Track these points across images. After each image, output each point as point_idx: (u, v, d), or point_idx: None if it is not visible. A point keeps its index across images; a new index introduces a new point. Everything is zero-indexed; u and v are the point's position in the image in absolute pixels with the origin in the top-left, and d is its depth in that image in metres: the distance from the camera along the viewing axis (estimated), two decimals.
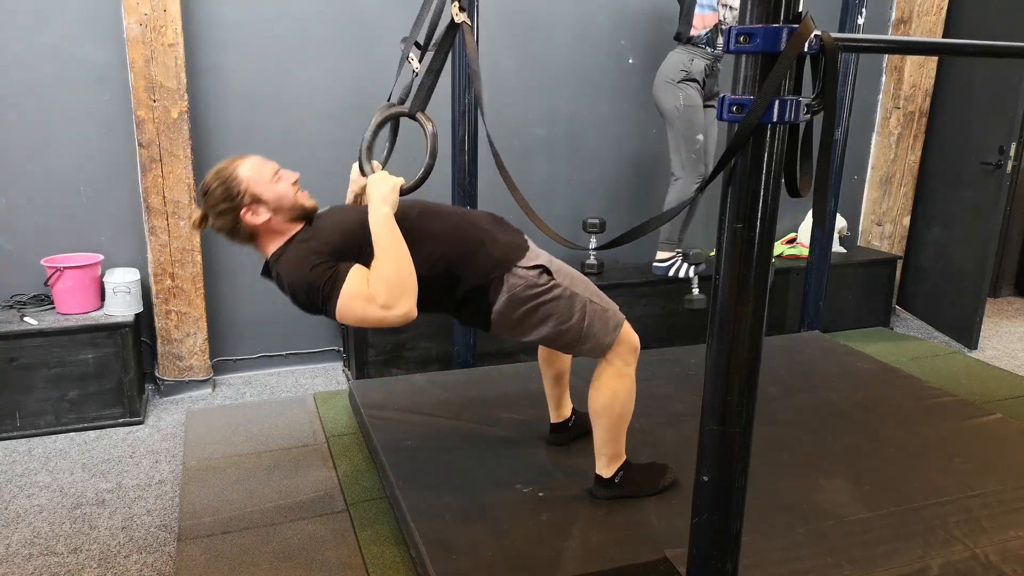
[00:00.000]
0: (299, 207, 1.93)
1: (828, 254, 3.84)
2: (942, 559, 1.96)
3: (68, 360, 2.96)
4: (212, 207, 1.90)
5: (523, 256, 2.03)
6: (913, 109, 4.33)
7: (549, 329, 2.04)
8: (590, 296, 2.08)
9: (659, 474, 2.27)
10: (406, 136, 2.21)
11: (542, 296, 2.01)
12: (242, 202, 1.88)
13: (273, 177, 1.91)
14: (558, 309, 2.03)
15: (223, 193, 1.87)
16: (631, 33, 3.85)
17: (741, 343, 1.18)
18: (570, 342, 2.08)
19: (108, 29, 3.05)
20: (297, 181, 1.95)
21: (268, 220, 1.90)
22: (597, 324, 2.06)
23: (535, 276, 2.01)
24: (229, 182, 1.87)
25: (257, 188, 1.88)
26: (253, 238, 1.95)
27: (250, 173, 1.89)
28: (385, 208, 1.86)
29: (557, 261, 2.11)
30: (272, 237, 1.94)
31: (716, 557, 1.29)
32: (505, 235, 2.07)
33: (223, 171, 1.89)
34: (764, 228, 1.14)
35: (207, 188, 1.90)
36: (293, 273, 1.86)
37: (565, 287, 2.04)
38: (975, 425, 2.76)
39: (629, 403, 2.14)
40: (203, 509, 2.40)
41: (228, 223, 1.91)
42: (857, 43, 1.57)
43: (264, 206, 1.89)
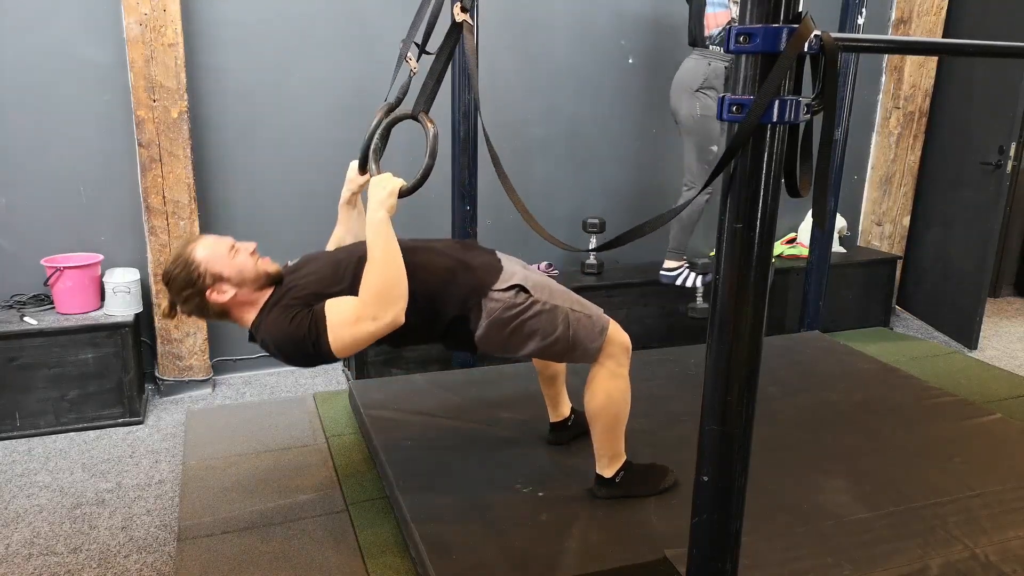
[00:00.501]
0: (262, 275, 1.93)
1: (828, 254, 3.84)
2: (942, 559, 1.95)
3: (68, 360, 2.96)
4: (177, 294, 1.91)
5: (497, 278, 2.02)
6: (913, 109, 4.33)
7: (536, 344, 2.05)
8: (571, 305, 2.07)
9: (660, 475, 2.27)
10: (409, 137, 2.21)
11: (523, 314, 2.01)
12: (204, 284, 1.88)
13: (230, 252, 1.91)
14: (541, 324, 2.03)
15: (184, 279, 1.88)
16: (631, 33, 3.85)
17: (741, 343, 1.18)
18: (559, 353, 2.09)
19: (108, 29, 3.05)
20: (255, 250, 1.95)
21: (235, 295, 1.91)
22: (583, 332, 2.06)
23: (512, 296, 2.01)
24: (187, 267, 1.88)
25: (216, 267, 1.88)
26: (226, 314, 1.95)
27: (206, 253, 1.89)
28: (381, 212, 1.86)
29: (534, 275, 2.10)
30: (244, 309, 1.94)
31: (716, 557, 1.28)
32: (477, 259, 2.07)
33: (180, 257, 1.90)
34: (764, 228, 1.14)
35: (168, 277, 1.91)
36: (276, 336, 1.87)
37: (544, 301, 2.04)
38: (975, 425, 2.76)
39: (625, 404, 2.14)
40: (203, 509, 2.40)
41: (196, 306, 1.92)
42: (857, 43, 1.57)
43: (227, 283, 1.89)
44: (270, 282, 1.95)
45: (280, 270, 1.99)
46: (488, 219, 3.64)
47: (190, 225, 3.17)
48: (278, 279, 1.96)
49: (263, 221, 3.41)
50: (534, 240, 3.87)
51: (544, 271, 3.81)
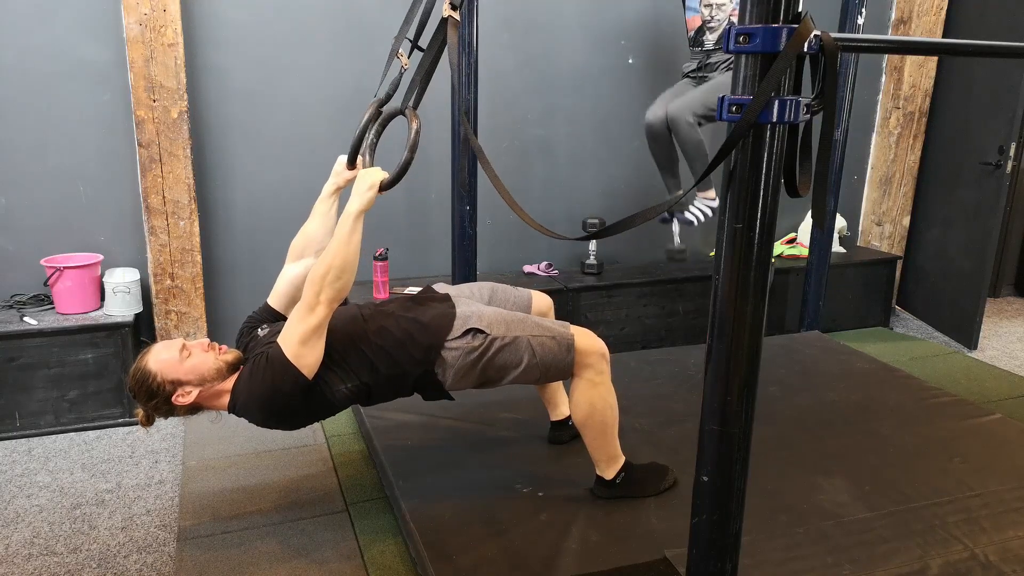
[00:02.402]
0: (222, 366, 1.94)
1: (828, 254, 3.84)
2: (942, 559, 1.96)
3: (68, 360, 2.96)
4: (144, 405, 1.94)
5: (450, 327, 2.03)
6: (913, 109, 4.33)
7: (510, 375, 2.07)
8: (531, 332, 2.07)
9: (659, 476, 2.27)
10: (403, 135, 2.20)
11: (485, 354, 2.02)
12: (166, 391, 1.91)
13: (181, 355, 1.92)
14: (507, 358, 2.04)
15: (146, 392, 1.91)
16: (631, 33, 3.85)
17: (741, 343, 1.18)
18: (536, 377, 2.10)
19: (108, 29, 3.05)
20: (209, 344, 1.97)
21: (199, 393, 1.93)
22: (549, 355, 2.06)
23: (468, 341, 2.02)
24: (145, 380, 1.91)
25: (172, 374, 1.91)
26: (200, 408, 1.98)
27: (158, 364, 1.92)
28: (358, 205, 1.87)
29: (487, 310, 2.10)
30: (215, 399, 1.97)
31: (716, 557, 1.28)
32: (428, 314, 2.07)
33: (136, 371, 1.93)
34: (764, 228, 1.14)
35: (132, 391, 1.95)
36: (253, 400, 1.89)
37: (503, 336, 2.04)
38: (975, 425, 2.76)
39: (610, 409, 2.13)
40: (203, 509, 2.40)
41: (167, 412, 1.96)
42: (857, 43, 1.57)
43: (188, 385, 1.92)
44: (233, 369, 1.97)
45: (240, 355, 2.00)
46: (488, 219, 3.64)
47: (190, 225, 3.17)
48: (239, 364, 1.98)
49: (263, 221, 3.41)
50: (534, 240, 3.87)
51: (544, 271, 3.81)
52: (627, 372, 3.20)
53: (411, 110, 2.00)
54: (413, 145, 1.94)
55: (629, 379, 3.13)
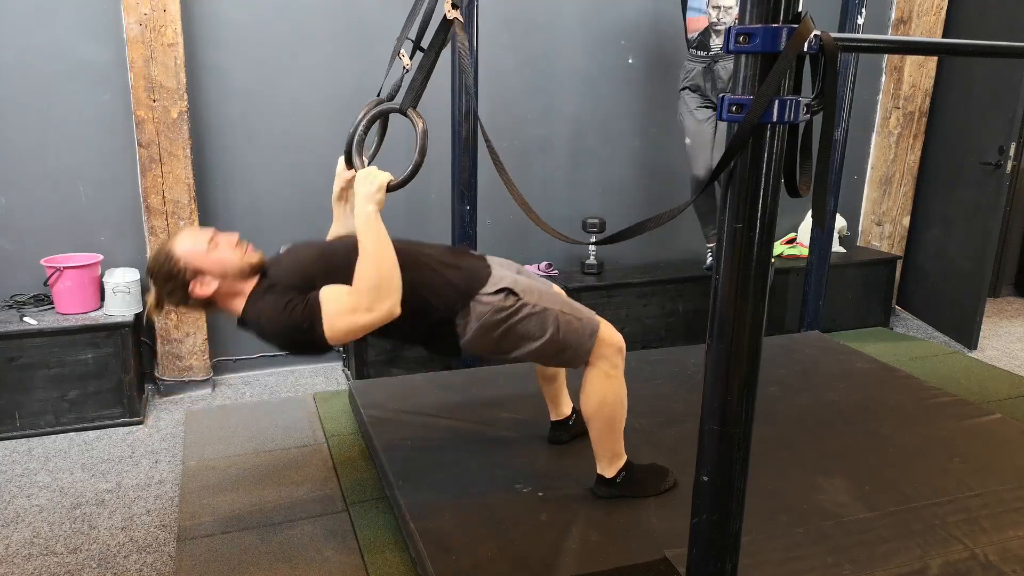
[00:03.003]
0: (246, 266, 1.92)
1: (828, 254, 3.84)
2: (942, 559, 1.96)
3: (68, 360, 2.96)
4: (161, 288, 1.92)
5: (486, 282, 2.03)
6: (913, 109, 4.33)
7: (526, 347, 2.05)
8: (561, 308, 2.07)
9: (660, 476, 2.27)
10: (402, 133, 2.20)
11: (512, 317, 2.01)
12: (186, 278, 1.88)
13: (209, 245, 1.91)
14: (531, 327, 2.03)
15: (166, 274, 1.89)
16: (631, 33, 3.85)
17: (741, 343, 1.18)
18: (550, 355, 2.09)
19: (108, 29, 3.05)
20: (239, 241, 1.95)
21: (218, 287, 1.90)
22: (573, 334, 2.06)
23: (501, 300, 2.01)
24: (167, 263, 1.88)
25: (196, 261, 1.88)
26: (213, 305, 1.95)
27: (185, 249, 1.89)
28: (370, 207, 1.84)
29: (523, 279, 2.10)
30: (230, 299, 1.94)
31: (716, 557, 1.28)
32: (465, 263, 2.07)
33: (160, 253, 1.91)
34: (764, 228, 1.14)
35: (151, 272, 1.92)
36: (269, 324, 1.86)
37: (534, 304, 2.04)
38: (975, 425, 2.76)
39: (620, 404, 2.13)
40: (203, 509, 2.40)
41: (180, 300, 1.92)
42: (857, 43, 1.57)
43: (208, 276, 1.89)
44: (254, 271, 1.94)
45: (263, 259, 1.98)
46: (488, 219, 3.64)
47: (190, 225, 3.16)
48: (262, 268, 1.96)
49: (263, 221, 3.41)
50: (534, 239, 3.87)
51: (544, 271, 3.81)
52: (627, 372, 3.14)
53: (414, 110, 2.00)
54: (423, 147, 1.94)
55: (629, 379, 3.07)
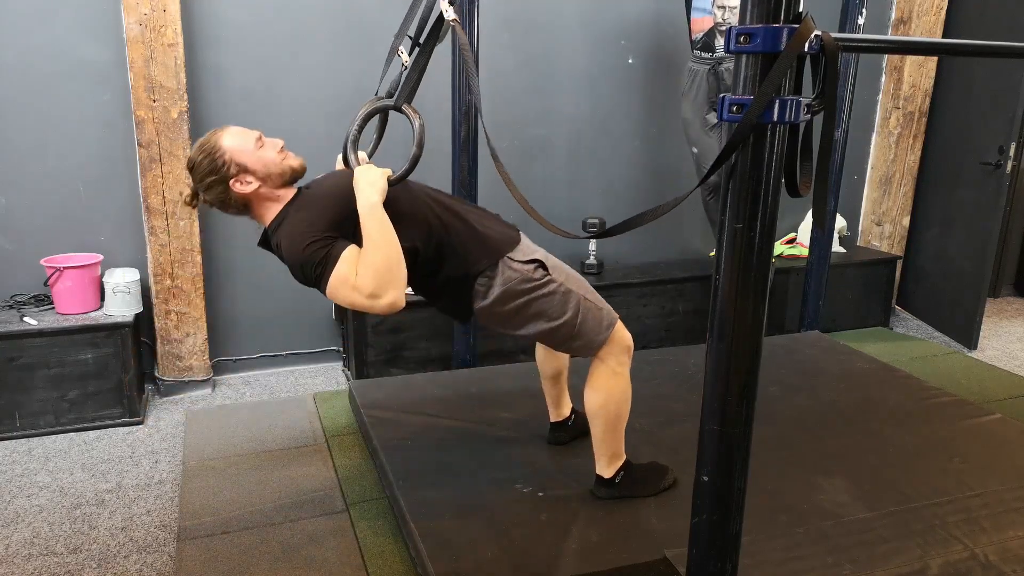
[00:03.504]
0: (288, 170, 1.90)
1: (828, 254, 3.84)
2: (942, 559, 1.96)
3: (68, 360, 2.96)
4: (200, 181, 1.88)
5: (515, 248, 2.03)
6: (913, 109, 4.33)
7: (540, 326, 2.04)
8: (584, 293, 2.08)
9: (659, 475, 2.27)
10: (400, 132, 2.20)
11: (537, 291, 2.01)
12: (228, 173, 1.85)
13: (256, 144, 1.89)
14: (552, 305, 2.03)
15: (208, 166, 1.85)
16: (631, 33, 3.85)
17: (741, 343, 1.18)
18: (562, 339, 2.08)
19: (108, 29, 3.05)
20: (283, 147, 1.93)
21: (258, 188, 1.88)
22: (590, 322, 2.06)
23: (531, 270, 2.01)
24: (213, 154, 1.85)
25: (241, 157, 1.86)
26: (247, 208, 1.92)
27: (233, 143, 1.86)
28: (374, 197, 1.83)
29: (553, 258, 2.12)
30: (265, 205, 1.91)
31: (716, 557, 1.28)
32: (499, 227, 2.08)
33: (206, 144, 1.87)
34: (764, 228, 1.14)
35: (192, 163, 1.88)
36: (290, 249, 1.84)
37: (560, 283, 2.04)
38: (975, 425, 2.76)
39: (625, 403, 2.13)
40: (203, 509, 2.40)
41: (218, 195, 1.89)
42: (857, 43, 1.57)
43: (251, 174, 1.86)
44: (293, 178, 1.93)
45: (304, 164, 1.96)
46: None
47: (190, 225, 3.17)
48: (300, 176, 1.94)
49: None
50: (534, 238, 3.86)
51: None
52: None
53: (409, 106, 2.01)
54: (420, 142, 1.95)
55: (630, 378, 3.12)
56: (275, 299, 3.44)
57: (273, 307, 3.46)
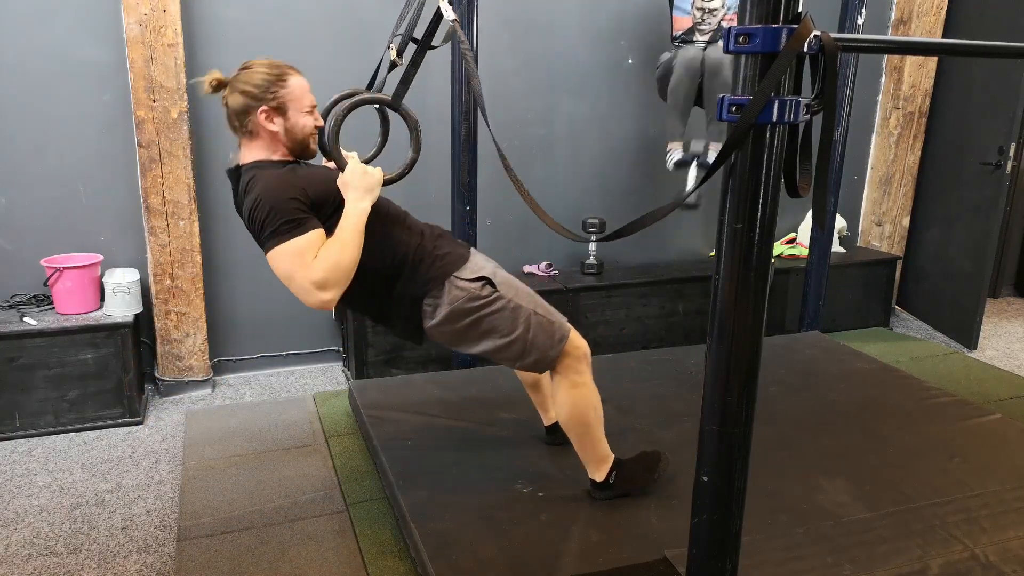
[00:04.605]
0: (306, 145, 1.92)
1: (828, 254, 3.84)
2: (942, 559, 1.96)
3: (68, 360, 2.96)
4: (242, 83, 1.87)
5: (462, 267, 2.01)
6: (913, 109, 4.33)
7: (492, 343, 2.03)
8: (534, 308, 2.06)
9: (652, 464, 2.25)
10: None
11: (485, 308, 2.00)
12: (267, 99, 1.85)
13: (307, 106, 1.90)
14: (501, 321, 2.01)
15: (260, 80, 1.85)
16: (631, 33, 3.85)
17: (741, 343, 1.18)
18: (514, 355, 2.06)
19: (108, 29, 3.05)
20: (317, 129, 1.94)
21: (275, 133, 1.88)
22: (542, 336, 2.04)
23: (477, 288, 2.00)
24: (272, 77, 1.86)
25: (288, 102, 1.87)
26: (250, 136, 1.91)
27: (294, 86, 1.87)
28: (366, 202, 1.86)
29: (503, 273, 2.10)
30: (263, 148, 1.90)
31: (716, 557, 1.28)
32: (448, 245, 2.06)
33: (277, 66, 1.88)
34: (764, 228, 1.14)
35: (251, 65, 1.88)
36: (269, 189, 1.81)
37: (508, 299, 2.02)
38: (975, 425, 2.76)
39: (593, 410, 2.12)
40: (202, 509, 2.40)
41: (241, 105, 1.87)
42: (857, 43, 1.57)
43: (281, 120, 1.87)
44: (302, 155, 1.93)
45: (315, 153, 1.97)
46: (488, 219, 3.64)
47: (190, 225, 3.17)
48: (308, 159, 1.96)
49: None
50: (534, 239, 3.87)
51: (544, 271, 3.81)
52: (627, 372, 3.20)
53: (407, 107, 2.01)
54: (419, 144, 1.96)
55: (629, 379, 3.13)
56: (275, 299, 3.44)
57: (273, 307, 3.46)
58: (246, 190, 1.86)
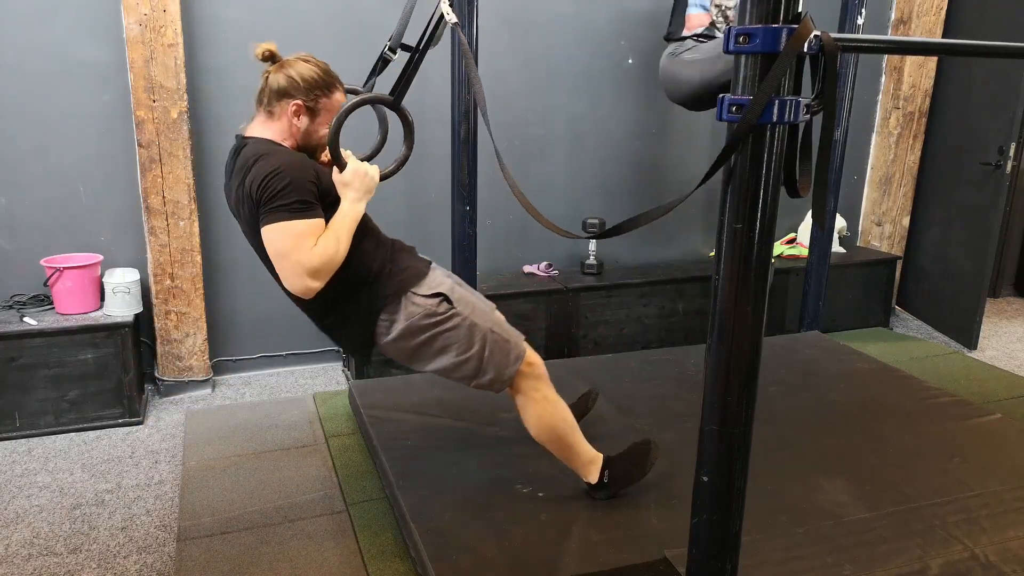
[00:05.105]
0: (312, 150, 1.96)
1: (828, 254, 3.84)
2: (942, 559, 1.96)
3: (68, 360, 2.96)
4: (293, 70, 1.89)
5: (419, 283, 2.00)
6: (912, 109, 4.33)
7: (446, 360, 2.02)
8: (491, 326, 2.05)
9: (642, 454, 2.23)
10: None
11: (440, 325, 1.99)
12: (306, 99, 1.90)
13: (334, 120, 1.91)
14: (457, 339, 2.00)
15: (312, 78, 1.90)
16: (631, 33, 3.85)
17: (741, 343, 1.18)
18: (470, 374, 2.05)
19: (108, 29, 3.05)
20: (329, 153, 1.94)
21: (294, 126, 1.92)
22: (498, 355, 2.03)
23: (434, 304, 1.99)
24: (324, 82, 1.91)
25: (323, 110, 1.91)
26: (270, 115, 1.93)
27: (335, 101, 1.94)
28: (363, 203, 1.90)
29: (461, 289, 2.09)
30: (277, 132, 1.93)
31: (716, 557, 1.28)
32: (408, 260, 2.05)
33: (330, 74, 1.94)
34: (764, 228, 1.14)
35: (309, 60, 1.93)
36: (291, 165, 1.82)
37: (465, 316, 2.01)
38: (975, 425, 2.76)
39: (561, 420, 2.12)
40: (202, 509, 2.40)
41: (282, 88, 1.89)
42: (857, 43, 1.57)
43: (307, 121, 1.91)
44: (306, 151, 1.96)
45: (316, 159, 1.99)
46: (488, 219, 3.64)
47: (190, 225, 3.17)
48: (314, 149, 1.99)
49: None
50: (534, 239, 3.87)
51: (544, 271, 3.81)
52: (627, 372, 3.20)
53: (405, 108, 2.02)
54: (412, 142, 1.97)
55: (629, 379, 3.13)
56: (275, 299, 3.42)
57: (273, 307, 3.45)
58: (254, 158, 1.86)
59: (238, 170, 1.89)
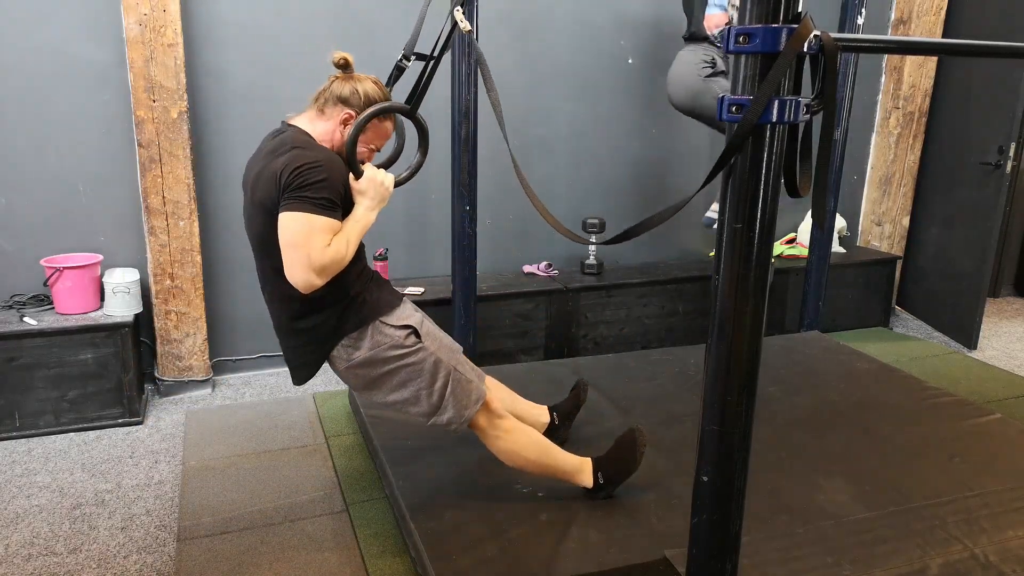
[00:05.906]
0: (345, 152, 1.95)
1: (828, 254, 3.84)
2: (942, 559, 1.96)
3: (67, 360, 2.96)
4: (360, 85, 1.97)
5: (391, 313, 2.00)
6: (912, 109, 4.34)
7: (404, 393, 2.01)
8: (454, 365, 2.04)
9: (630, 445, 2.20)
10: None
11: (405, 359, 1.98)
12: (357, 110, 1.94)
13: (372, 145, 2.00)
14: (420, 373, 2.00)
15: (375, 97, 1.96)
16: (631, 33, 3.85)
17: (741, 343, 1.18)
18: (427, 411, 2.04)
19: (108, 29, 3.05)
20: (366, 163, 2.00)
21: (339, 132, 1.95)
22: (460, 394, 2.02)
23: (402, 337, 1.98)
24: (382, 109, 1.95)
25: (370, 130, 1.96)
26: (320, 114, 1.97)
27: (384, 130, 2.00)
28: (375, 213, 1.92)
29: (429, 324, 2.09)
30: (320, 132, 1.96)
31: (716, 557, 1.28)
32: (379, 291, 2.04)
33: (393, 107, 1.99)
34: (764, 228, 1.14)
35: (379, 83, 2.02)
36: (331, 162, 1.85)
37: (431, 351, 2.01)
38: (975, 425, 2.76)
39: (532, 445, 2.12)
40: (203, 509, 2.40)
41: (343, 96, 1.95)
42: (857, 43, 1.56)
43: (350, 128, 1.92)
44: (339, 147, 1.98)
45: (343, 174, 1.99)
46: (488, 219, 3.64)
47: (190, 225, 3.17)
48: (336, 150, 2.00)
49: None
50: (534, 238, 3.87)
51: (544, 271, 3.81)
52: (627, 372, 3.20)
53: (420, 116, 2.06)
54: (426, 149, 2.03)
55: (629, 379, 3.13)
56: None
57: None
58: (293, 144, 1.88)
59: (272, 149, 1.90)
